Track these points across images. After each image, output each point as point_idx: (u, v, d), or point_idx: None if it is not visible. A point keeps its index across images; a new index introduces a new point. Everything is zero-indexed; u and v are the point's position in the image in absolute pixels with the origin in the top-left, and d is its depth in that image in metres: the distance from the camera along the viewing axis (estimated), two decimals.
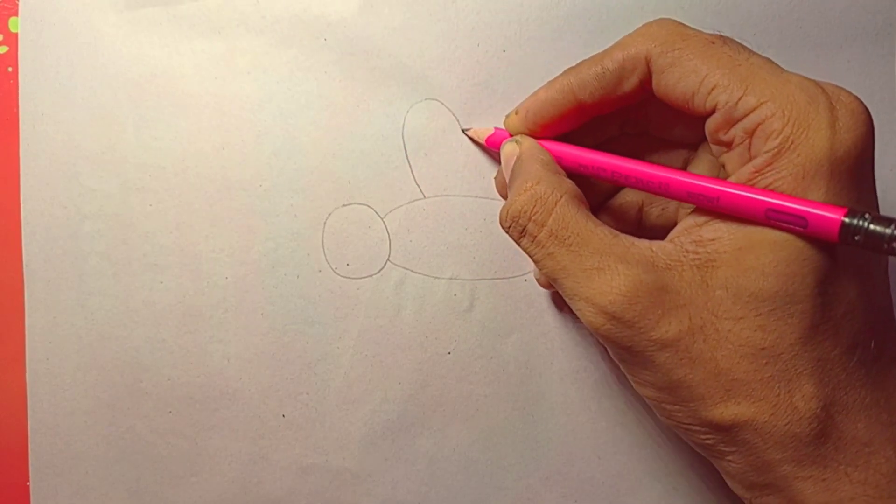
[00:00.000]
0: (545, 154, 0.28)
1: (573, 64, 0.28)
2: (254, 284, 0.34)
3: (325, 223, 0.33)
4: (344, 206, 0.33)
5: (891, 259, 0.27)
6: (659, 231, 0.30)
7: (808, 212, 0.22)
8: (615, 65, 0.26)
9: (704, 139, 0.26)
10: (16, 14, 0.34)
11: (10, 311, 0.34)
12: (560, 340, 0.34)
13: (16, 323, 0.34)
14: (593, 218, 0.26)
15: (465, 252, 0.33)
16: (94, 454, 0.34)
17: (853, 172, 0.23)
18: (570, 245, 0.25)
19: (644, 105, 0.28)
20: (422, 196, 0.33)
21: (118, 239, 0.34)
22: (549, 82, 0.28)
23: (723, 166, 0.25)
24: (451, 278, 0.33)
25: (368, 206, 0.33)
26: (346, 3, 0.33)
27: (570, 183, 0.27)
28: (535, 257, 0.26)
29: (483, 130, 0.32)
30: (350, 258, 0.34)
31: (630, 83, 0.26)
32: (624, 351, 0.24)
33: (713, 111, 0.24)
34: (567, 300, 0.25)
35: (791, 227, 0.22)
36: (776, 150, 0.23)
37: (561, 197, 0.26)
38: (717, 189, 0.24)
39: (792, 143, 0.22)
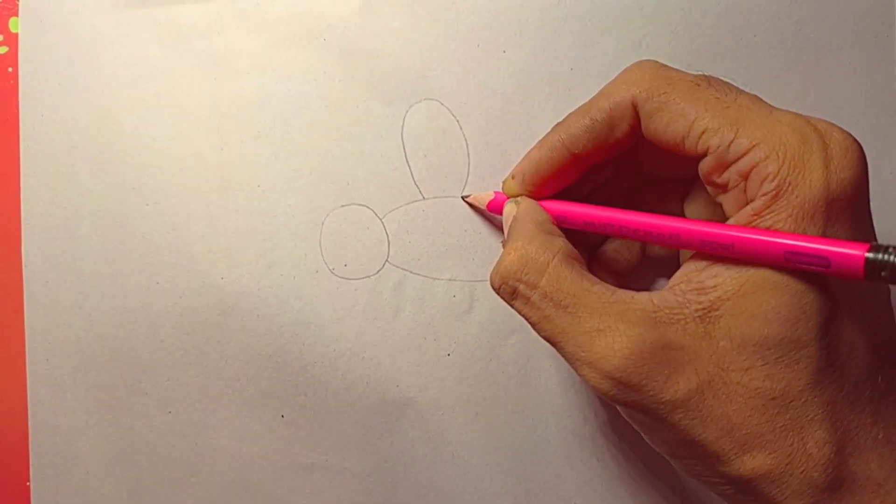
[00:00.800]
0: (542, 214, 0.28)
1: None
2: (250, 285, 0.34)
3: (322, 224, 0.33)
4: (342, 206, 0.33)
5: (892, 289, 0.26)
6: (664, 262, 0.30)
7: (830, 251, 0.21)
8: (603, 115, 0.26)
9: (699, 175, 0.26)
10: (16, 14, 0.34)
11: (9, 312, 0.34)
12: None
13: (15, 323, 0.34)
14: (589, 275, 0.25)
15: (464, 253, 0.33)
16: (94, 454, 0.34)
17: (849, 210, 0.23)
18: (567, 306, 0.24)
19: (636, 147, 0.28)
20: (421, 197, 0.33)
21: (115, 239, 0.34)
22: (540, 141, 0.28)
23: (719, 205, 0.25)
24: (450, 279, 0.33)
25: (367, 207, 0.33)
26: (346, 3, 0.33)
27: (562, 241, 0.26)
28: (530, 320, 0.25)
29: (483, 196, 0.32)
30: (348, 259, 0.33)
31: (620, 130, 0.26)
32: (635, 412, 0.24)
33: (705, 154, 0.24)
34: (569, 364, 0.25)
35: (812, 267, 0.22)
36: (773, 192, 0.22)
37: (553, 257, 0.25)
38: (731, 235, 0.23)
39: (789, 184, 0.22)
